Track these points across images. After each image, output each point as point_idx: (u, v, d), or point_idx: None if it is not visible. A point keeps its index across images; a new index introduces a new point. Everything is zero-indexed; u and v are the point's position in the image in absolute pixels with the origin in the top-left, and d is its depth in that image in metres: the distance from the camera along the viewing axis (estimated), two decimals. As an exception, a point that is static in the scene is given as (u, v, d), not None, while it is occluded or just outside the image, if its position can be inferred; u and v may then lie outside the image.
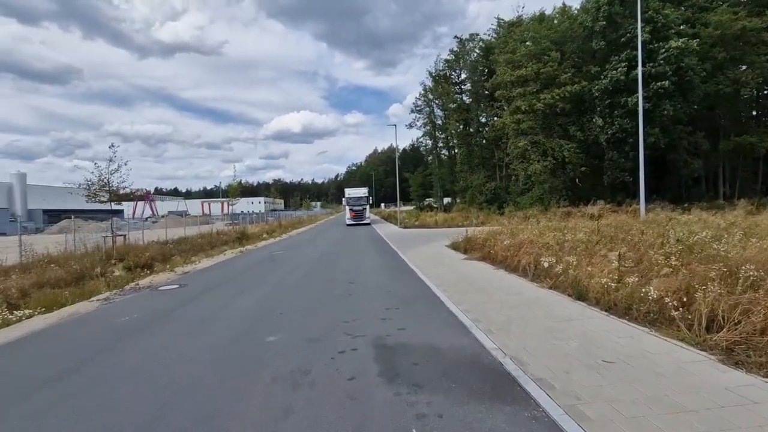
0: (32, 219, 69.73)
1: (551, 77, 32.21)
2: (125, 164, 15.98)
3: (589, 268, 7.39)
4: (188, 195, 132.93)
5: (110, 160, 15.50)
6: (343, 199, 40.47)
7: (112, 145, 15.64)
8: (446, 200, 56.54)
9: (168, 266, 15.71)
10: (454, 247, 15.26)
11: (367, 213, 38.52)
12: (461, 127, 49.60)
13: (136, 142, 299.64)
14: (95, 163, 15.16)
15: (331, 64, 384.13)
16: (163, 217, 76.37)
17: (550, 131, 34.19)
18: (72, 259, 14.36)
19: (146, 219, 74.50)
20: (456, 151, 53.21)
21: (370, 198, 41.97)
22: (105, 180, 15.45)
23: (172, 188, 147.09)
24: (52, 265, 12.54)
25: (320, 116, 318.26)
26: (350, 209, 38.41)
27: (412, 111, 54.69)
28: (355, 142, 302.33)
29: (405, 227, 30.20)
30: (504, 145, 40.84)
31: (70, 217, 62.83)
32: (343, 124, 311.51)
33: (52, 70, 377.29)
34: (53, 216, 69.41)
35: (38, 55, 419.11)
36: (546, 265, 8.47)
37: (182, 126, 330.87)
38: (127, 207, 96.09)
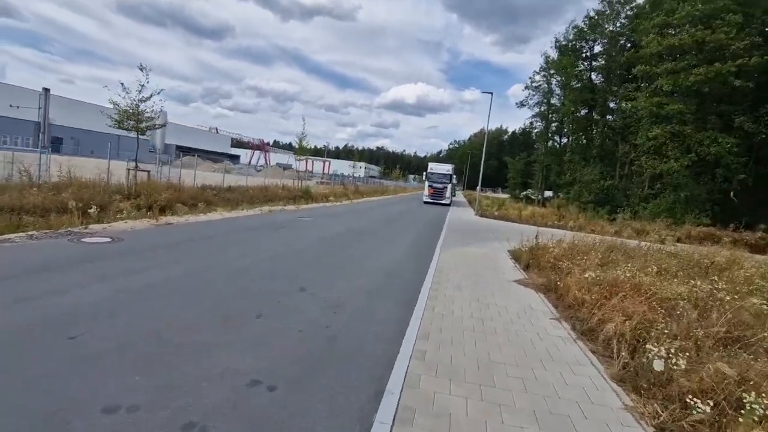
0: (167, 152, 78.58)
1: (721, 47, 23.03)
2: (158, 93, 13.90)
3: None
4: (300, 151, 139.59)
5: (142, 86, 13.50)
6: (425, 173, 36.11)
7: (142, 68, 13.50)
8: (548, 194, 48.43)
9: (181, 213, 13.65)
10: (515, 255, 10.33)
11: (448, 192, 33.69)
12: (582, 110, 40.83)
13: (268, 97, 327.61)
14: (122, 85, 13.17)
15: (458, 37, 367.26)
16: (268, 167, 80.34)
17: (702, 121, 25.13)
18: (88, 187, 12.98)
19: (259, 167, 79.45)
20: (570, 138, 44.48)
21: (455, 177, 36.94)
22: (133, 108, 13.54)
23: (287, 143, 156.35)
24: (34, 189, 11.07)
25: (436, 90, 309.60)
26: (429, 185, 33.96)
27: (526, 87, 46.84)
28: (467, 120, 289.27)
29: (482, 215, 25.03)
30: (632, 137, 32.03)
31: (192, 155, 67.93)
32: (459, 101, 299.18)
33: (212, 26, 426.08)
34: (185, 152, 77.52)
35: (203, 11, 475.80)
36: (660, 361, 3.56)
37: (308, 87, 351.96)
38: (244, 154, 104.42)
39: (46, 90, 61.17)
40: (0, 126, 49.87)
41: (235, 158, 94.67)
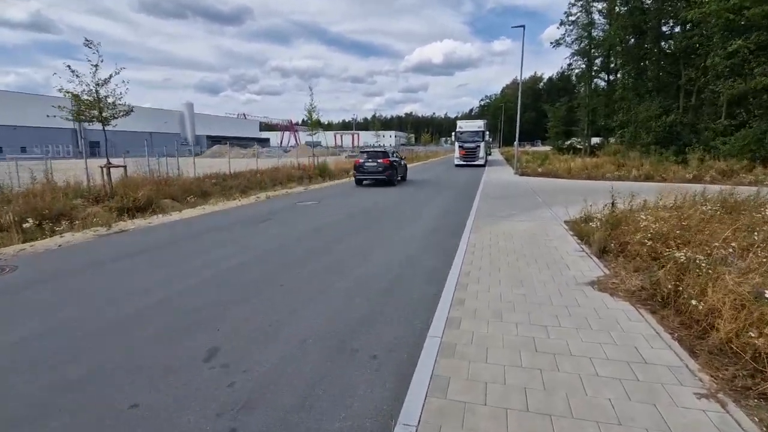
0: (198, 143, 78.74)
1: None
2: (117, 73, 11.36)
3: None
4: (328, 127, 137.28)
5: (95, 66, 11.02)
6: (453, 133, 32.24)
7: (89, 43, 10.89)
8: (595, 140, 42.75)
9: (168, 209, 11.49)
10: (578, 231, 7.09)
11: (482, 152, 29.75)
12: (631, 39, 34.46)
13: (293, 76, 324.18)
14: (69, 68, 10.69)
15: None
16: (297, 146, 78.72)
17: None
18: (55, 192, 11.05)
19: (288, 148, 78.06)
20: (619, 74, 38.22)
21: (488, 134, 32.74)
22: (93, 95, 11.16)
23: (317, 120, 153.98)
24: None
25: (463, 45, 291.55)
26: (460, 146, 30.16)
27: (561, 23, 40.46)
28: (498, 74, 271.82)
29: (522, 174, 21.27)
30: (698, 60, 26.22)
31: (221, 143, 68.51)
32: (488, 53, 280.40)
33: (230, 11, 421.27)
34: (216, 141, 77.20)
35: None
36: None
37: (331, 60, 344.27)
38: (274, 136, 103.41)
39: (76, 96, 61.92)
40: (40, 136, 50.98)
41: (264, 141, 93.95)
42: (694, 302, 3.42)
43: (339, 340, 3.53)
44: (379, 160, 17.10)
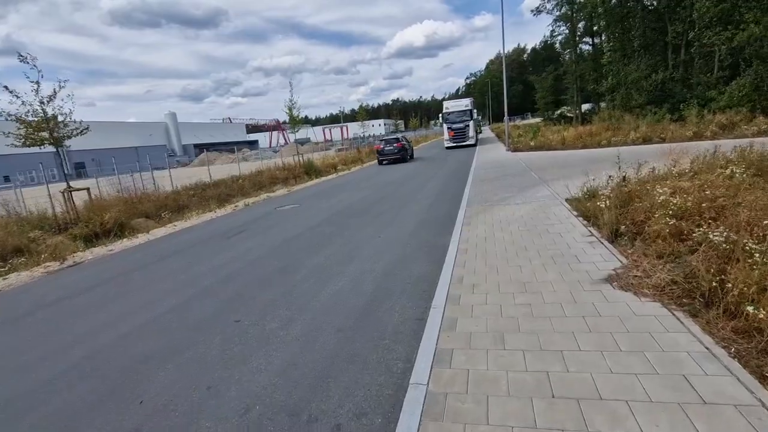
0: (186, 153, 77.16)
1: None
2: (62, 86, 10.26)
3: None
4: (316, 122, 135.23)
5: (36, 83, 9.94)
6: (440, 114, 31.14)
7: (23, 58, 9.79)
8: (585, 107, 41.65)
9: (143, 229, 10.62)
10: (583, 211, 6.23)
11: (471, 131, 28.71)
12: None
13: (276, 75, 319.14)
14: (6, 88, 9.64)
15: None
16: (287, 145, 77.30)
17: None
18: (9, 226, 10.11)
19: (277, 148, 76.59)
20: (603, 36, 36.97)
21: (476, 112, 31.62)
22: (40, 115, 10.12)
23: (304, 117, 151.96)
24: None
25: (444, 24, 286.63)
26: (448, 128, 29.10)
27: (541, -13, 38.90)
28: (483, 49, 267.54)
29: (515, 150, 20.33)
30: (683, 12, 25.09)
31: (208, 150, 67.11)
32: (470, 30, 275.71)
33: (204, 14, 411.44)
34: (202, 149, 75.68)
35: (194, 2, 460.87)
36: None
37: (312, 54, 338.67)
38: (263, 137, 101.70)
39: (54, 117, 60.07)
40: (21, 163, 49.66)
41: (253, 143, 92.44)
42: (751, 309, 2.58)
43: (291, 410, 2.68)
44: (394, 144, 23.10)
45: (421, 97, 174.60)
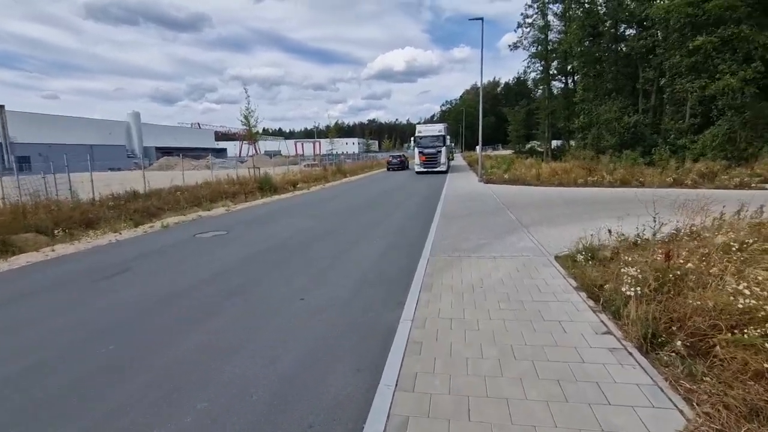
0: (147, 156, 72.31)
1: None
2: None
3: None
4: (290, 135, 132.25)
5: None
6: (412, 138, 29.78)
7: None
8: (555, 143, 41.70)
9: (32, 245, 7.96)
10: (583, 280, 4.43)
11: (443, 157, 27.39)
12: (587, 41, 33.46)
13: (253, 84, 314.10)
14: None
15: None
16: (257, 156, 73.95)
17: (765, 15, 18.37)
18: None
19: (245, 159, 73.16)
20: (577, 76, 37.30)
21: (449, 138, 30.51)
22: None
23: (278, 129, 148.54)
24: None
25: (424, 52, 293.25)
26: (420, 152, 27.65)
27: (519, 26, 39.13)
28: (459, 80, 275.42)
29: (488, 181, 18.90)
30: (655, 60, 25.18)
31: (169, 155, 62.94)
32: (448, 61, 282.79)
33: (187, 18, 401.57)
34: (166, 153, 71.14)
35: (175, 4, 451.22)
36: None
37: (292, 68, 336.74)
38: (233, 146, 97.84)
39: (0, 107, 54.40)
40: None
41: (221, 152, 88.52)
42: None
43: None
44: (398, 159, 36.32)
45: (397, 119, 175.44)
